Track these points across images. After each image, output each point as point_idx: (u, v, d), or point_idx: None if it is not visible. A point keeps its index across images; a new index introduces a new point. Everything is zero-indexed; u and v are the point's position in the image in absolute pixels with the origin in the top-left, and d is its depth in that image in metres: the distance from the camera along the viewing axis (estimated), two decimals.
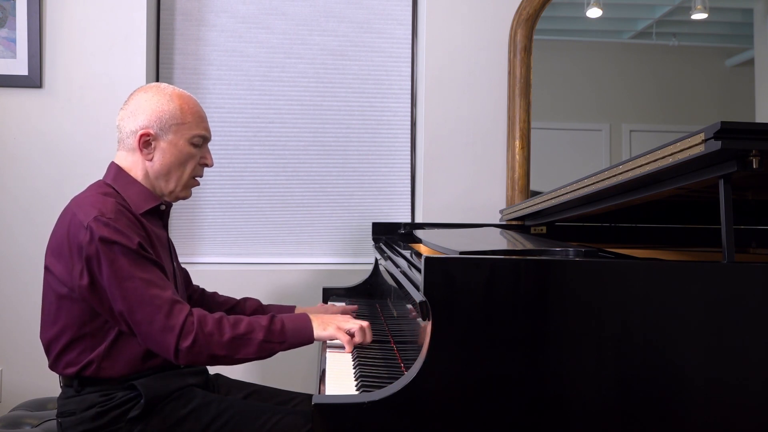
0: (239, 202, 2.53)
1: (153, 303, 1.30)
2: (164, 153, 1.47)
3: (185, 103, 1.50)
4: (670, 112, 2.95)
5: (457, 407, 1.09)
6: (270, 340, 1.36)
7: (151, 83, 1.52)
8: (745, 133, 1.05)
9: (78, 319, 1.38)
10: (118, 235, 1.32)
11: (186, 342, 1.29)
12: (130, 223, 1.37)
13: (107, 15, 2.33)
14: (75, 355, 1.39)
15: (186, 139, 1.49)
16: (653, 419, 1.11)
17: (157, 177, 1.49)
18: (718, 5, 2.98)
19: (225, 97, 2.51)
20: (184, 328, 1.30)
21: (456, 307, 1.10)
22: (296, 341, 1.39)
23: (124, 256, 1.32)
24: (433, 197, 2.48)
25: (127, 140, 1.48)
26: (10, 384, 2.29)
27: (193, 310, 1.34)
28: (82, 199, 1.42)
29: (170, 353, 1.30)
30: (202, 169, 1.56)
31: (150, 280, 1.33)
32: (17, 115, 2.31)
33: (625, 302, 1.12)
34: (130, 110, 1.48)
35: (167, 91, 1.49)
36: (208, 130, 1.55)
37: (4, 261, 2.31)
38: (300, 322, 1.41)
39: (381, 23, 2.57)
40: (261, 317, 1.39)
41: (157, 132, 1.46)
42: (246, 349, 1.34)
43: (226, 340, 1.32)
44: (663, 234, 2.14)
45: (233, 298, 1.80)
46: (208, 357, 1.33)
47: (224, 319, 1.35)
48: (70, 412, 1.39)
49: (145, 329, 1.31)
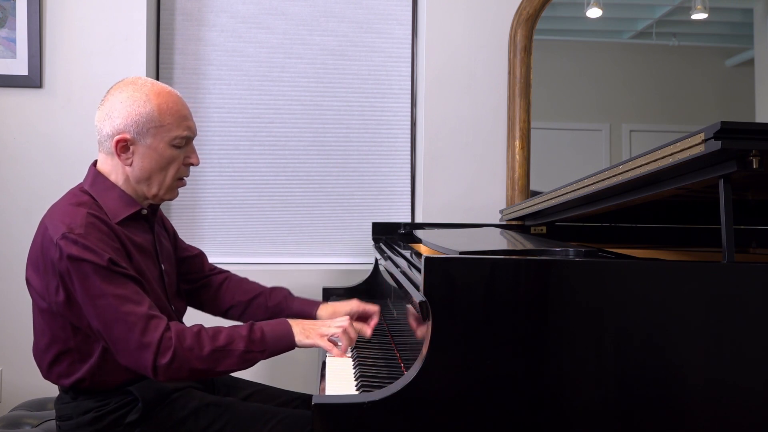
0: (239, 202, 2.53)
1: (127, 320, 1.25)
2: (143, 158, 1.38)
3: (164, 102, 1.38)
4: (670, 112, 2.95)
5: (457, 407, 1.09)
6: (250, 350, 1.32)
7: (128, 79, 1.41)
8: (745, 133, 1.05)
9: (62, 333, 1.34)
10: (87, 252, 1.26)
11: (164, 359, 1.25)
12: (102, 236, 1.30)
13: (107, 15, 2.33)
14: (65, 366, 1.36)
15: (166, 142, 1.39)
16: (653, 419, 1.11)
17: (138, 182, 1.41)
18: (718, 5, 2.98)
19: (225, 97, 2.51)
20: (161, 344, 1.25)
21: (456, 307, 1.10)
22: (277, 348, 1.35)
23: (94, 273, 1.25)
24: (433, 197, 2.48)
25: (105, 143, 1.40)
26: (10, 384, 2.29)
27: (171, 324, 1.29)
28: (54, 210, 1.36)
29: (148, 370, 1.26)
30: (187, 169, 1.46)
31: (123, 295, 1.26)
32: (17, 115, 2.31)
33: (625, 302, 1.12)
34: (106, 111, 1.39)
35: (144, 90, 1.38)
36: (191, 128, 1.44)
37: (4, 261, 2.31)
38: (280, 329, 1.37)
39: (381, 23, 2.57)
40: (241, 326, 1.35)
41: (134, 136, 1.37)
42: (227, 361, 1.30)
43: (206, 354, 1.28)
44: (663, 234, 2.14)
45: (259, 286, 1.71)
46: (189, 372, 1.28)
47: (203, 331, 1.31)
48: (67, 416, 1.38)
49: (121, 347, 1.26)
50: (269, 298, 1.68)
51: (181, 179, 1.46)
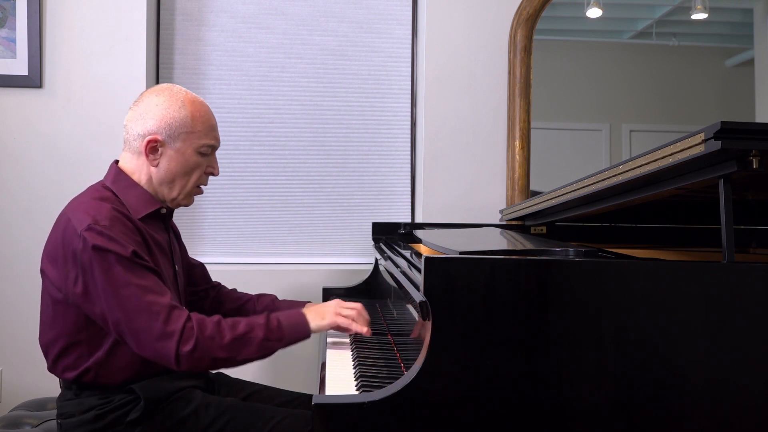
0: (239, 202, 2.53)
1: (151, 309, 1.28)
2: (170, 160, 1.45)
3: (197, 111, 1.47)
4: (670, 112, 2.95)
5: (458, 407, 1.09)
6: (269, 338, 1.35)
7: (164, 85, 1.49)
8: (745, 133, 1.05)
9: (73, 325, 1.36)
10: (112, 243, 1.29)
11: (187, 347, 1.28)
12: (126, 230, 1.35)
13: (107, 15, 2.33)
14: (72, 359, 1.38)
15: (194, 148, 1.46)
16: (653, 419, 1.11)
17: (161, 183, 1.47)
18: (718, 5, 2.98)
19: (225, 97, 2.51)
20: (184, 333, 1.28)
21: (456, 307, 1.10)
22: (294, 337, 1.39)
23: (118, 263, 1.29)
24: (433, 197, 2.48)
25: (133, 142, 1.45)
26: (10, 384, 2.29)
27: (191, 314, 1.32)
28: (77, 203, 1.40)
29: (171, 359, 1.28)
30: (207, 177, 1.53)
31: (146, 286, 1.30)
32: (17, 115, 2.31)
33: (625, 302, 1.12)
34: (139, 112, 1.45)
35: (179, 97, 1.46)
36: (217, 139, 1.53)
37: (4, 261, 2.31)
38: (295, 318, 1.41)
39: (381, 23, 2.57)
40: (257, 317, 1.39)
41: (165, 139, 1.43)
42: (247, 349, 1.33)
43: (227, 342, 1.31)
44: (663, 234, 2.14)
45: (247, 294, 1.78)
46: (211, 360, 1.31)
47: (222, 321, 1.34)
48: (69, 414, 1.39)
49: (143, 337, 1.28)
50: (257, 303, 1.74)
51: (199, 187, 1.53)
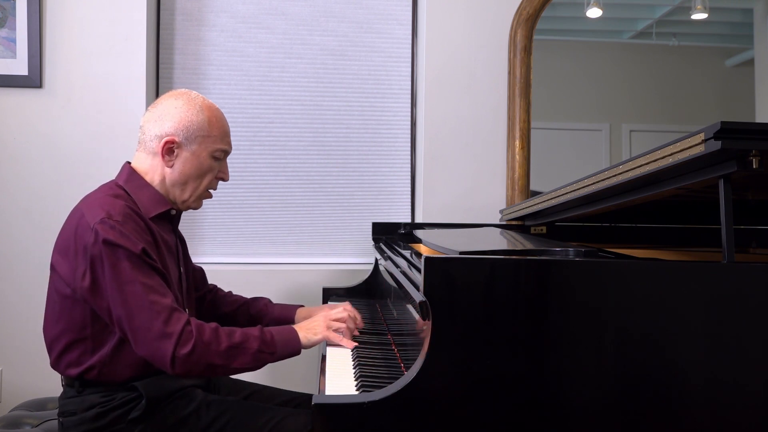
0: (239, 202, 2.53)
1: (152, 308, 1.29)
2: (185, 162, 1.48)
3: (214, 116, 1.50)
4: (670, 112, 2.95)
5: (458, 407, 1.09)
6: (263, 350, 1.37)
7: (182, 90, 1.54)
8: (745, 133, 1.05)
9: (80, 321, 1.38)
10: (123, 239, 1.31)
11: (184, 349, 1.28)
12: (138, 228, 1.37)
13: (107, 15, 2.33)
14: (76, 356, 1.39)
15: (209, 151, 1.49)
16: (653, 419, 1.11)
17: (174, 185, 1.49)
18: (718, 5, 2.98)
19: (225, 97, 2.51)
20: (183, 336, 1.29)
21: (456, 307, 1.10)
22: (285, 352, 1.41)
23: (127, 260, 1.31)
24: (433, 197, 2.48)
25: (149, 143, 1.48)
26: (10, 384, 2.29)
27: (191, 319, 1.33)
28: (92, 199, 1.42)
29: (166, 361, 1.28)
30: (217, 182, 1.56)
31: (151, 285, 1.32)
32: (17, 115, 2.31)
33: (625, 302, 1.12)
34: (157, 114, 1.48)
35: (198, 101, 1.50)
36: (230, 144, 1.56)
37: (4, 261, 2.31)
38: (287, 333, 1.43)
39: (381, 23, 2.57)
40: (252, 328, 1.40)
41: (182, 141, 1.46)
42: (242, 359, 1.34)
43: (224, 349, 1.32)
44: (663, 234, 2.14)
45: (242, 297, 1.81)
46: (205, 366, 1.31)
47: (220, 329, 1.35)
48: (70, 412, 1.39)
49: (142, 335, 1.29)
50: (251, 306, 1.77)
51: (209, 191, 1.56)
